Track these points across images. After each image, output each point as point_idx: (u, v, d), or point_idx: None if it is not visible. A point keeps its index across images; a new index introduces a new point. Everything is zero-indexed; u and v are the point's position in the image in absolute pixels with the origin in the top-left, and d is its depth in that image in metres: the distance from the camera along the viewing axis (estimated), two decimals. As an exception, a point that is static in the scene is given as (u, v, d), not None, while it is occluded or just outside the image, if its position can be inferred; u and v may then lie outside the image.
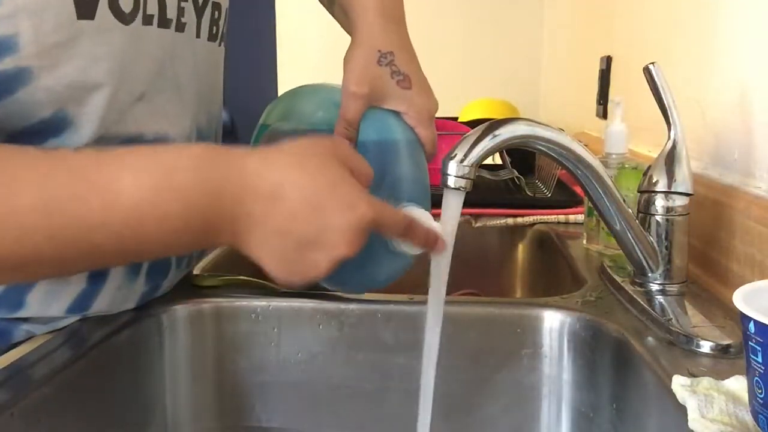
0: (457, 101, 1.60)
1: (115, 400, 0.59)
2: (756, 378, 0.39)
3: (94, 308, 0.58)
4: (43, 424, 0.49)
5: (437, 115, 0.66)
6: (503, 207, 1.04)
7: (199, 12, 0.60)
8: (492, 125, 0.53)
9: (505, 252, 1.07)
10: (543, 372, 0.65)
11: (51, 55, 0.47)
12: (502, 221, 1.03)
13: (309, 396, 0.68)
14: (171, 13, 0.56)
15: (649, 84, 0.63)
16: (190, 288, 0.71)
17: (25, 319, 0.56)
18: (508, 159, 1.15)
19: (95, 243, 0.42)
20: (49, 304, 0.55)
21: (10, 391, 0.48)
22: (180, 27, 0.58)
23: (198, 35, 0.61)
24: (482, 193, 1.09)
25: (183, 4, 0.57)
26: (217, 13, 0.63)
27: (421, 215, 0.52)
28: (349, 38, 0.64)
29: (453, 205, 0.52)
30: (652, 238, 0.65)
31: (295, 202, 0.44)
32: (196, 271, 0.75)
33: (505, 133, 0.53)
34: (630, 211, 0.62)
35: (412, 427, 0.52)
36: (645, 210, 0.65)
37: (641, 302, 0.63)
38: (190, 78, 0.61)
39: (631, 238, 0.63)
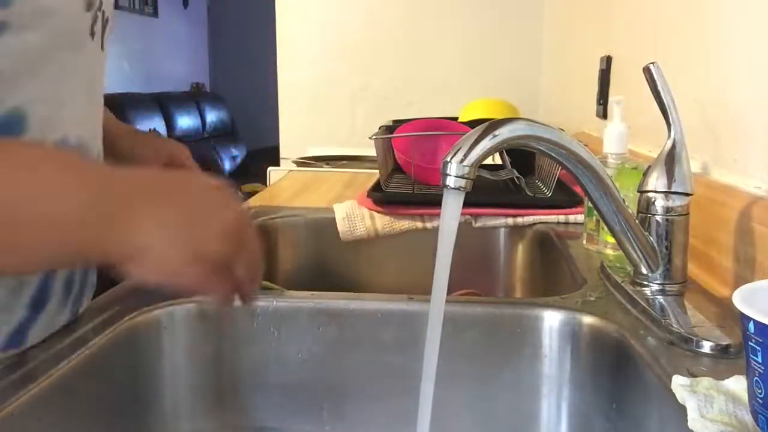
0: (457, 101, 1.59)
1: (115, 399, 0.59)
2: (756, 378, 0.39)
3: (30, 340, 0.54)
4: (44, 424, 0.49)
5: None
6: (503, 207, 1.04)
7: (104, 26, 0.61)
8: (492, 125, 0.53)
9: (505, 252, 1.07)
10: (543, 372, 0.66)
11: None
12: (502, 221, 1.03)
13: (309, 396, 0.68)
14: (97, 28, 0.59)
15: (649, 84, 0.63)
16: (190, 288, 0.71)
17: None
18: (508, 159, 1.15)
19: None
20: None
21: (10, 391, 0.48)
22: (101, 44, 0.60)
23: (102, 48, 0.62)
24: (482, 193, 1.09)
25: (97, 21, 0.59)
26: (108, 27, 0.64)
27: None
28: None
29: (453, 205, 0.52)
30: (651, 238, 0.65)
31: (181, 184, 0.49)
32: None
33: (505, 133, 0.53)
34: (630, 211, 0.62)
35: (412, 427, 0.52)
36: (645, 210, 0.65)
37: (641, 302, 0.63)
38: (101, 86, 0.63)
39: (630, 238, 0.63)
